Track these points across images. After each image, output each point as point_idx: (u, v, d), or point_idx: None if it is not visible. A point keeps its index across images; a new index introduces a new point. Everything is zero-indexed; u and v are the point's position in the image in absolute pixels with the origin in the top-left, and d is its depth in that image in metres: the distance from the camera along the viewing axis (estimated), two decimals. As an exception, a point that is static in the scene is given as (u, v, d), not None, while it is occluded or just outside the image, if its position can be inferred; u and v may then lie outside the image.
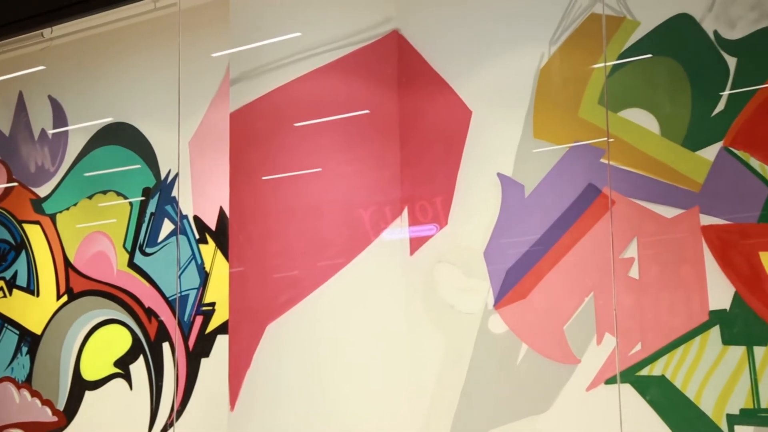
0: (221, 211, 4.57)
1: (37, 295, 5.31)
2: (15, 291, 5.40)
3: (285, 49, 4.11)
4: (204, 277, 4.61)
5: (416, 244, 3.95)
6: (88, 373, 5.02)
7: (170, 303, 4.72)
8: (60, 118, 5.33)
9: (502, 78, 3.79)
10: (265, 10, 4.20)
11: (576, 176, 3.58)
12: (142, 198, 4.92)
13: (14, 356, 5.31)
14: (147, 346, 4.80)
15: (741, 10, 3.30)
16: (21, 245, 5.42)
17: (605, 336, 3.46)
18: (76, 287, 5.14)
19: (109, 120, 5.11)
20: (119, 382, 4.89)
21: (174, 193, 4.78)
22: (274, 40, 4.14)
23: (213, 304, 4.56)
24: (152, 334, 4.79)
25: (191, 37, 4.68)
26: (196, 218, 4.68)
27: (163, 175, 4.86)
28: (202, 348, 4.57)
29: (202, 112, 4.71)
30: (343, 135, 4.04)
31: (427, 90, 3.96)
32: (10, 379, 5.31)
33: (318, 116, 4.06)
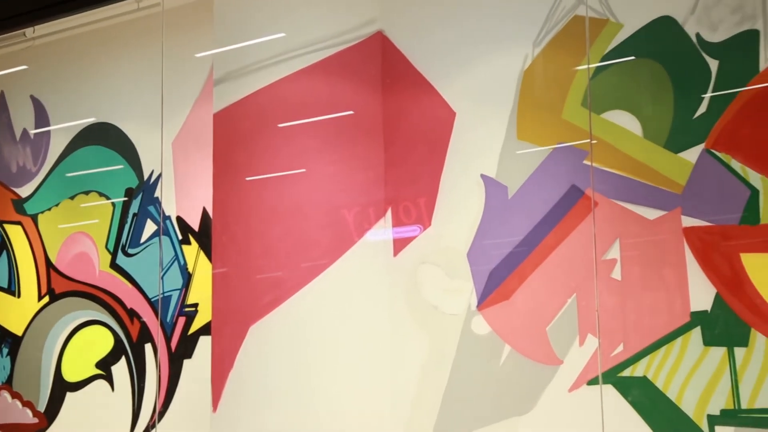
0: (204, 212, 4.56)
1: (18, 296, 5.27)
2: (-4, 292, 5.37)
3: (269, 50, 4.11)
4: (187, 278, 4.60)
5: (400, 245, 3.95)
6: (70, 375, 5.00)
7: (153, 304, 4.70)
8: (42, 118, 5.30)
9: (485, 79, 3.80)
10: (249, 10, 4.19)
11: (559, 177, 3.59)
12: (125, 198, 4.90)
13: (-5, 357, 5.29)
14: (129, 347, 4.78)
15: (722, 13, 3.33)
16: (2, 246, 5.38)
17: (588, 337, 3.47)
18: (58, 288, 5.11)
19: (91, 120, 5.09)
20: (101, 384, 4.86)
21: (157, 193, 4.76)
22: (258, 40, 4.14)
23: (196, 305, 4.55)
24: (134, 336, 4.76)
25: (175, 37, 4.67)
26: (179, 219, 4.67)
27: (146, 176, 4.84)
28: (184, 349, 4.55)
29: (185, 112, 4.69)
30: (327, 136, 4.04)
31: (411, 91, 3.97)
32: (-10, 381, 5.29)
33: (302, 117, 4.06)
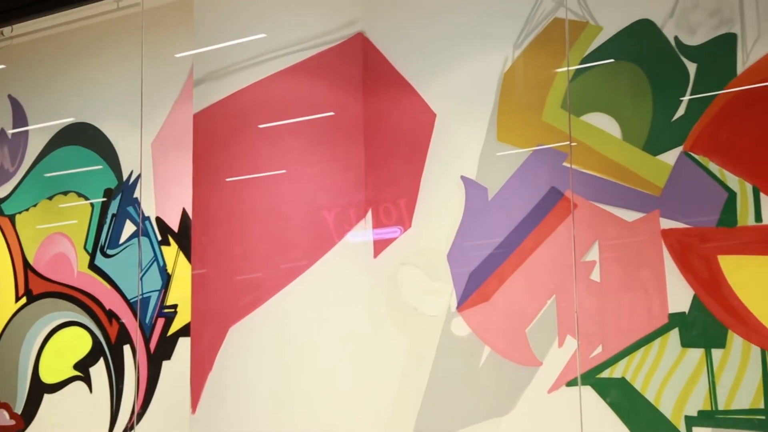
0: (184, 213, 4.54)
1: (-5, 297, 5.24)
2: (-28, 293, 5.32)
3: (249, 51, 4.10)
4: (166, 279, 4.58)
5: (380, 246, 3.95)
6: (47, 376, 4.96)
7: (131, 305, 4.68)
8: (20, 118, 5.27)
9: (466, 81, 3.81)
10: (230, 10, 4.18)
11: (539, 179, 3.60)
12: (104, 199, 4.87)
13: (-29, 359, 5.24)
14: (107, 348, 4.75)
15: (701, 16, 3.35)
16: (-21, 246, 5.34)
17: (567, 338, 3.49)
18: (36, 289, 5.07)
19: (70, 120, 5.06)
20: (79, 385, 4.83)
21: (136, 194, 4.74)
22: (238, 41, 4.13)
23: (175, 306, 4.53)
24: (113, 337, 4.74)
25: (154, 37, 4.65)
26: (158, 220, 4.65)
27: (125, 176, 4.82)
28: (163, 350, 4.53)
29: (165, 112, 4.68)
30: (307, 137, 4.04)
31: (392, 92, 3.97)
32: (-34, 383, 5.24)
33: (282, 118, 4.05)
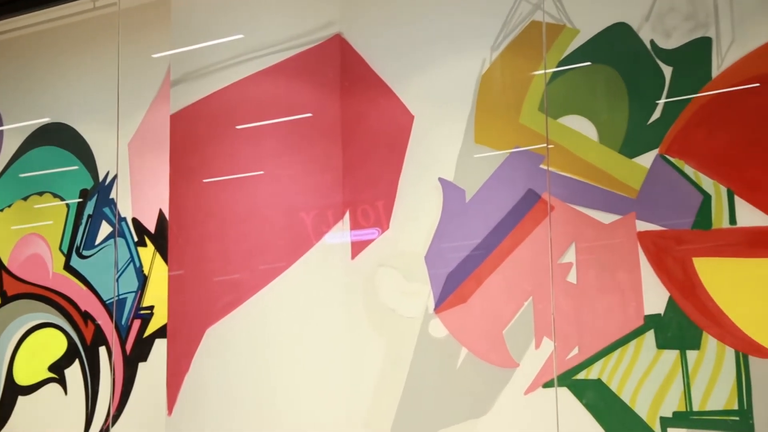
0: (161, 214, 4.52)
1: (-31, 298, 5.19)
2: (-54, 294, 5.27)
3: (227, 51, 4.09)
4: (142, 280, 4.56)
5: (358, 247, 3.95)
6: (22, 378, 4.92)
7: (107, 306, 4.66)
8: (-6, 118, 5.23)
9: (444, 83, 3.82)
10: (207, 11, 4.17)
11: (516, 182, 3.61)
12: (80, 200, 4.84)
13: (-56, 361, 5.18)
14: (83, 350, 4.73)
15: (676, 20, 3.38)
16: (-47, 247, 5.29)
17: (543, 340, 3.50)
18: (10, 290, 5.03)
19: (45, 120, 5.03)
20: (54, 387, 4.80)
21: (112, 195, 4.72)
22: (216, 41, 4.11)
23: (151, 307, 4.51)
24: (88, 338, 4.71)
25: (131, 37, 4.63)
26: (134, 220, 4.63)
27: (101, 177, 4.79)
28: (139, 352, 4.51)
29: (141, 113, 4.66)
30: (285, 138, 4.03)
31: (370, 94, 3.97)
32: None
33: (260, 119, 4.04)
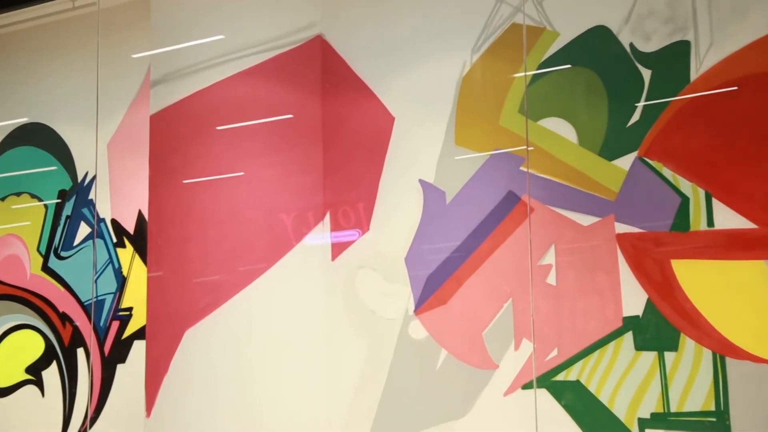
0: (140, 215, 4.50)
1: (-54, 299, 5.14)
2: None
3: (208, 52, 4.08)
4: (121, 281, 4.54)
5: (338, 249, 3.94)
6: (-2, 380, 4.90)
7: (86, 308, 4.63)
8: (-28, 118, 5.19)
9: (424, 85, 3.82)
10: (188, 11, 4.16)
11: (496, 183, 3.62)
12: (58, 200, 4.82)
13: None
14: (60, 351, 4.70)
15: (655, 23, 3.40)
16: (-71, 248, 5.24)
17: (523, 341, 3.51)
18: (-13, 291, 5.00)
19: (24, 120, 5.00)
20: (31, 389, 4.77)
21: (91, 195, 4.69)
22: (196, 42, 4.10)
23: (130, 309, 4.49)
24: (66, 340, 4.69)
25: (111, 37, 4.61)
26: (113, 221, 4.61)
27: (80, 178, 4.77)
28: (118, 354, 4.48)
29: (121, 113, 4.64)
30: (265, 139, 4.02)
31: (351, 95, 3.97)
32: None
33: (240, 120, 4.04)
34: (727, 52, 3.25)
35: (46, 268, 4.81)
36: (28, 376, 4.79)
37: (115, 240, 4.59)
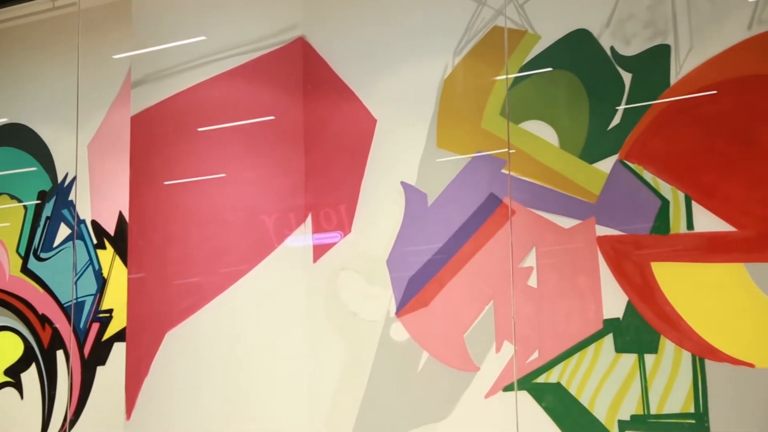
0: (120, 216, 4.49)
1: (-77, 301, 5.10)
2: None
3: (189, 53, 4.07)
4: (101, 283, 4.51)
5: (320, 251, 3.94)
6: (-24, 383, 4.86)
7: (65, 309, 4.61)
8: (-49, 118, 5.16)
9: (406, 87, 3.83)
10: (169, 12, 4.14)
11: (478, 186, 3.63)
12: (38, 201, 4.79)
13: None
14: (40, 353, 4.67)
15: (636, 27, 3.42)
16: None
17: (504, 344, 3.52)
18: (-34, 293, 4.97)
19: (3, 121, 4.97)
20: (9, 392, 4.73)
21: (71, 196, 4.67)
22: (178, 43, 4.09)
23: (110, 310, 4.47)
24: (45, 342, 4.66)
25: (91, 37, 4.59)
26: (94, 223, 4.59)
27: (60, 179, 4.74)
28: (98, 356, 4.46)
29: (102, 114, 4.62)
30: (247, 141, 4.01)
31: (333, 97, 3.97)
32: None
33: (222, 121, 4.03)
34: (706, 55, 3.27)
35: (25, 270, 4.79)
36: (7, 379, 4.76)
37: (95, 241, 4.57)
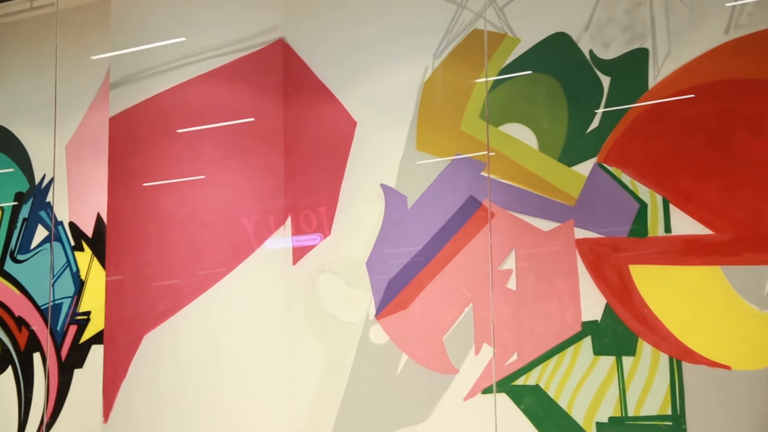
0: (99, 218, 4.47)
1: None
2: None
3: (168, 54, 4.04)
4: (79, 285, 4.49)
5: (299, 253, 3.93)
6: (-48, 385, 4.82)
7: (42, 312, 4.58)
8: (-73, 118, 5.11)
9: (387, 89, 3.83)
10: (148, 13, 4.12)
11: (457, 188, 3.64)
12: (15, 203, 4.76)
13: None
14: (16, 356, 4.63)
15: (614, 31, 3.44)
16: None
17: (483, 346, 3.52)
18: (-59, 295, 4.92)
19: (-20, 121, 4.95)
20: (-15, 395, 4.71)
21: (49, 198, 4.64)
22: (157, 44, 4.07)
23: (88, 313, 4.44)
24: (22, 344, 4.62)
25: (69, 38, 4.57)
26: (71, 224, 4.56)
27: (37, 180, 4.72)
28: (75, 358, 4.44)
29: (80, 115, 4.60)
30: (227, 142, 4.00)
31: (313, 99, 3.96)
32: None
33: (201, 123, 4.01)
34: (684, 60, 3.30)
35: (1, 272, 4.75)
36: (-17, 382, 4.73)
37: (73, 243, 4.54)
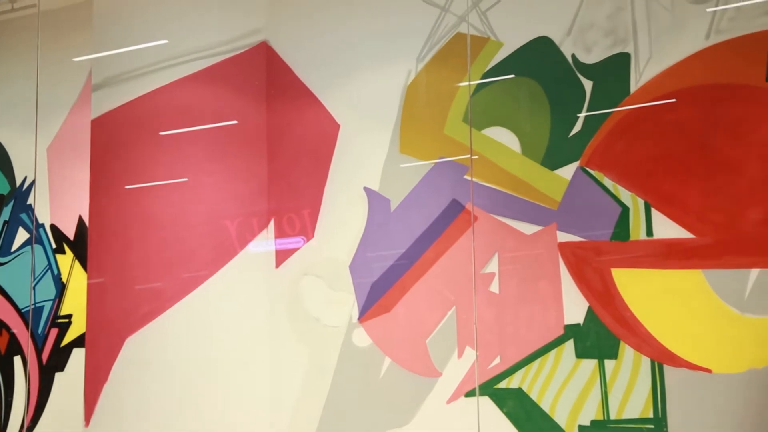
0: (80, 220, 4.44)
1: None
2: None
3: (151, 56, 4.04)
4: (60, 288, 4.47)
5: (282, 256, 3.93)
6: (-69, 389, 4.78)
7: (23, 315, 4.55)
8: None
9: (370, 92, 3.83)
10: (131, 15, 4.11)
11: (440, 192, 3.64)
12: (-5, 205, 4.74)
13: None
14: (-4, 360, 4.62)
15: (596, 35, 3.45)
16: None
17: (466, 349, 3.53)
18: None
19: (-39, 123, 4.91)
20: (-35, 398, 4.67)
21: (30, 200, 4.62)
22: (139, 46, 4.06)
23: (69, 316, 4.42)
24: (3, 348, 4.59)
25: (51, 40, 4.55)
26: (53, 227, 4.54)
27: (18, 182, 4.69)
28: (56, 361, 4.41)
29: (61, 117, 4.57)
30: (210, 145, 3.99)
31: (296, 102, 3.96)
32: None
33: (184, 125, 4.00)
34: (666, 64, 3.31)
35: (-18, 275, 4.73)
36: (-37, 385, 4.70)
37: (54, 246, 4.52)
